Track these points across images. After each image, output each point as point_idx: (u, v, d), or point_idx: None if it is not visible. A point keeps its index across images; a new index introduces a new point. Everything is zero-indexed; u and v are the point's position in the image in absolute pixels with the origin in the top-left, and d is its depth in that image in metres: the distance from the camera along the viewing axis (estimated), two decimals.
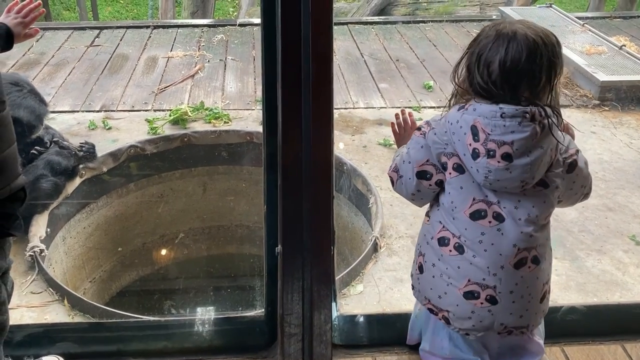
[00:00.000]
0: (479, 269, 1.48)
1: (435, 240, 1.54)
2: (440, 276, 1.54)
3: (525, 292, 1.51)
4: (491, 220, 1.45)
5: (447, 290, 1.53)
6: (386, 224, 2.77)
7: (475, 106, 1.41)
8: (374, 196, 2.86)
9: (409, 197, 1.60)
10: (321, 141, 1.66)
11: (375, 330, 2.01)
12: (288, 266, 1.71)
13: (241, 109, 4.06)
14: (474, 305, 1.50)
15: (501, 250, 1.46)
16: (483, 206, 1.45)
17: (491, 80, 1.38)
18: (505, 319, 1.52)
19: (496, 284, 1.48)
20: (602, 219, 2.92)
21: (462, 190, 1.46)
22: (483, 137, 1.38)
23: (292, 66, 1.57)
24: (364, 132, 3.73)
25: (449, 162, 1.47)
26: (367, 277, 2.45)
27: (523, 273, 1.49)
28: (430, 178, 1.51)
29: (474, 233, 1.47)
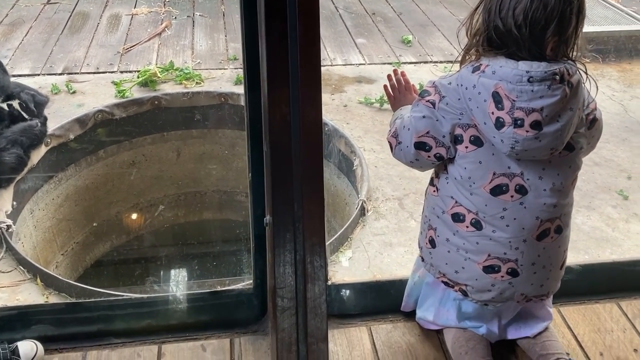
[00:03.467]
0: (499, 243, 1.40)
1: (448, 215, 1.44)
2: (456, 251, 1.45)
3: (547, 262, 1.44)
4: (513, 195, 1.35)
5: (465, 265, 1.45)
6: (372, 187, 2.68)
7: (493, 67, 1.26)
8: (358, 158, 2.76)
9: (408, 164, 1.50)
10: (311, 102, 1.53)
11: (369, 298, 1.95)
12: (279, 237, 1.60)
13: (213, 68, 3.86)
14: (494, 279, 1.44)
15: (524, 224, 1.38)
16: (504, 180, 1.34)
17: (516, 24, 1.22)
18: (526, 289, 1.46)
19: (518, 257, 1.41)
20: (589, 174, 2.89)
21: (480, 165, 1.35)
22: (508, 104, 1.25)
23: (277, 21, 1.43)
24: (343, 91, 3.60)
25: (465, 134, 1.34)
26: (356, 243, 2.37)
27: (545, 244, 1.42)
28: (429, 150, 1.40)
29: (495, 209, 1.37)
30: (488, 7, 1.27)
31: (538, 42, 1.23)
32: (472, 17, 1.31)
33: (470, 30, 1.32)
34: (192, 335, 1.83)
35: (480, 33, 1.29)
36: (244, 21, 1.55)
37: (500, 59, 1.27)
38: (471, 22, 1.31)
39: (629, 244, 2.44)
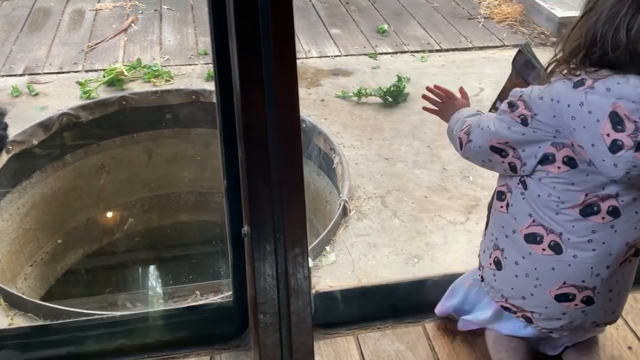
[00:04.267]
0: (579, 270, 1.29)
1: (521, 235, 1.32)
2: (525, 276, 1.34)
3: (623, 287, 1.35)
4: (605, 217, 1.24)
5: (535, 292, 1.34)
6: (353, 185, 2.59)
7: (608, 84, 1.13)
8: (338, 155, 2.66)
9: (479, 164, 1.39)
10: (288, 101, 1.42)
11: (355, 305, 1.86)
12: (259, 250, 1.50)
13: (183, 64, 3.72)
14: (566, 307, 1.33)
15: (611, 250, 1.27)
16: (596, 201, 1.23)
17: (612, 56, 1.10)
18: (598, 317, 1.36)
19: (596, 285, 1.30)
20: None
21: (572, 186, 1.24)
22: (631, 127, 1.12)
23: (248, 13, 1.31)
24: (320, 85, 3.49)
25: (558, 154, 1.22)
26: (339, 245, 2.27)
27: (625, 269, 1.32)
28: (505, 156, 1.29)
29: (583, 231, 1.26)
30: (594, 29, 1.13)
31: None
32: (571, 33, 1.18)
33: (568, 44, 1.18)
34: (170, 354, 1.72)
35: (584, 49, 1.15)
36: (211, 14, 1.42)
37: (611, 76, 1.14)
38: (569, 38, 1.18)
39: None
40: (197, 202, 3.56)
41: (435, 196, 2.60)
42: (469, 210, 2.51)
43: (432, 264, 2.21)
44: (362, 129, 3.06)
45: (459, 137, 1.40)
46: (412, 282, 1.88)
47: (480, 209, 2.53)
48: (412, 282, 1.88)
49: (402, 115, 3.21)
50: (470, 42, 4.05)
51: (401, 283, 1.87)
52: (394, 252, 2.27)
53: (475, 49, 3.97)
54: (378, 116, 3.18)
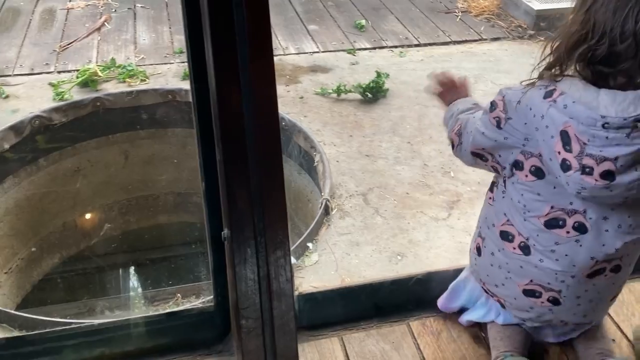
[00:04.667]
0: (544, 273, 1.29)
1: (497, 230, 1.33)
2: (498, 267, 1.36)
3: (595, 297, 1.32)
4: (570, 231, 1.22)
5: (505, 283, 1.37)
6: (334, 183, 2.56)
7: (566, 100, 1.10)
8: (319, 153, 2.63)
9: (469, 165, 1.40)
10: (266, 100, 1.38)
11: (339, 305, 1.83)
12: (239, 253, 1.46)
13: (158, 63, 3.65)
14: (533, 302, 1.35)
15: (575, 262, 1.25)
16: (562, 215, 1.21)
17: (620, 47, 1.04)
18: (567, 317, 1.37)
19: (562, 289, 1.29)
20: None
21: (538, 197, 1.23)
22: (577, 148, 1.10)
23: (222, 10, 1.27)
24: (298, 81, 3.45)
25: (526, 162, 1.21)
26: (321, 245, 2.25)
27: (597, 281, 1.29)
28: (486, 161, 1.31)
29: (547, 241, 1.25)
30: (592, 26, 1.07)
31: None
32: (569, 29, 1.12)
33: (566, 40, 1.12)
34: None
35: (588, 42, 1.08)
36: (185, 12, 1.38)
37: (578, 88, 1.10)
38: (566, 37, 1.12)
39: None
40: (175, 204, 3.50)
41: (417, 192, 2.58)
42: (450, 206, 2.51)
43: (415, 261, 2.19)
44: (342, 126, 3.03)
45: (452, 138, 1.40)
46: (395, 280, 1.85)
47: (461, 205, 2.52)
48: (396, 280, 1.86)
49: (382, 111, 3.19)
50: (449, 36, 4.05)
51: (385, 282, 1.85)
52: (377, 250, 2.25)
53: (453, 43, 3.97)
54: (358, 113, 3.16)
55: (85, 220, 3.41)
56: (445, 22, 4.24)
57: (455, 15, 4.36)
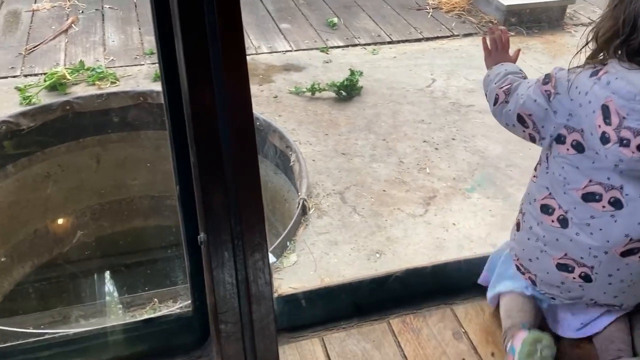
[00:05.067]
0: (579, 247, 1.34)
1: (538, 204, 1.39)
2: (535, 241, 1.42)
3: (627, 278, 1.35)
4: (605, 205, 1.28)
5: (540, 256, 1.42)
6: (311, 182, 2.54)
7: (609, 77, 1.17)
8: (295, 153, 2.61)
9: (503, 124, 1.44)
10: (239, 101, 1.36)
11: (318, 306, 1.82)
12: (217, 257, 1.44)
13: (129, 65, 3.59)
14: (565, 277, 1.39)
15: (609, 237, 1.30)
16: (599, 189, 1.27)
17: None
18: (597, 296, 1.40)
19: (594, 265, 1.34)
20: (526, 151, 2.86)
21: (578, 170, 1.29)
22: (616, 121, 1.17)
23: (192, 9, 1.25)
24: (272, 81, 3.43)
25: (568, 137, 1.28)
26: (300, 245, 2.23)
27: (630, 261, 1.32)
28: (527, 127, 1.37)
29: (583, 214, 1.31)
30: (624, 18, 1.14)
31: None
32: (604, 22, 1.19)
33: (602, 33, 1.19)
34: None
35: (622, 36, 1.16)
36: (155, 12, 1.35)
37: (622, 68, 1.17)
38: (601, 26, 1.20)
39: None
40: (150, 207, 3.44)
41: (394, 189, 2.58)
42: (427, 202, 2.51)
43: (394, 258, 2.19)
44: (317, 125, 3.02)
45: (497, 93, 1.42)
46: (374, 278, 1.85)
47: (438, 201, 2.53)
48: (375, 278, 1.85)
49: (357, 109, 3.18)
50: (420, 33, 4.06)
51: (364, 280, 1.84)
52: (356, 248, 2.24)
53: (425, 40, 3.99)
54: (333, 111, 3.15)
55: (57, 226, 3.33)
56: (417, 19, 4.25)
57: (426, 11, 4.38)
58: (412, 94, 3.34)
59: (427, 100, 3.27)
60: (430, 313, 1.78)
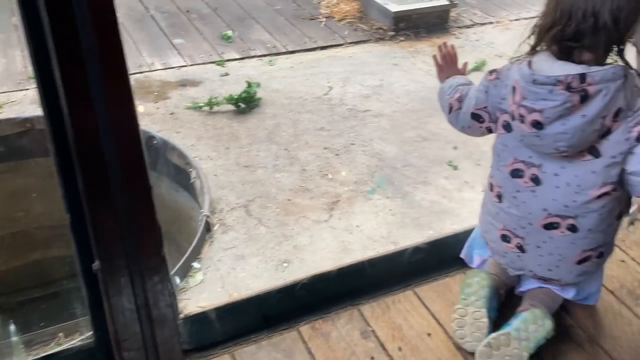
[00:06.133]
0: (511, 219, 1.52)
1: (488, 182, 1.59)
2: (487, 214, 1.61)
3: (555, 251, 1.50)
4: (527, 182, 1.45)
5: (490, 229, 1.61)
6: (214, 198, 2.52)
7: (523, 65, 1.34)
8: (195, 169, 2.58)
9: (459, 129, 1.59)
10: (124, 121, 1.33)
11: (227, 322, 1.80)
12: (114, 284, 1.40)
13: (12, 90, 3.40)
14: (506, 247, 1.57)
15: (530, 210, 1.47)
16: (522, 166, 1.44)
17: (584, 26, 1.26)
18: (534, 268, 1.56)
19: (524, 236, 1.51)
20: (420, 150, 3.00)
21: (506, 148, 1.47)
22: (518, 100, 1.34)
23: (66, 33, 1.21)
24: (167, 97, 3.36)
25: (500, 118, 1.45)
26: (206, 262, 2.20)
27: (553, 235, 1.47)
28: (482, 122, 1.51)
29: (511, 188, 1.49)
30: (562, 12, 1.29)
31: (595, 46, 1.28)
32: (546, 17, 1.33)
33: (540, 27, 1.34)
34: None
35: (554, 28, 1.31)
36: (28, 34, 1.29)
37: (542, 58, 1.32)
38: (543, 21, 1.33)
39: (465, 212, 2.57)
40: (48, 238, 3.27)
41: (298, 198, 2.62)
42: (331, 207, 2.56)
43: (301, 266, 2.22)
44: (217, 139, 3.00)
45: (450, 103, 1.58)
46: (282, 288, 1.86)
47: (341, 205, 2.59)
48: (282, 288, 1.86)
49: (257, 120, 3.20)
50: (315, 42, 4.15)
51: (271, 291, 1.85)
52: (263, 260, 2.25)
53: (320, 49, 4.07)
54: (232, 124, 3.14)
55: None
56: (311, 29, 4.34)
57: (319, 21, 4.47)
58: (310, 102, 3.39)
59: (325, 108, 3.34)
60: (338, 316, 1.81)
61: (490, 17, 4.67)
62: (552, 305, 1.64)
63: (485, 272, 1.65)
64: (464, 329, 1.60)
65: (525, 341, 1.52)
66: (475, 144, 3.05)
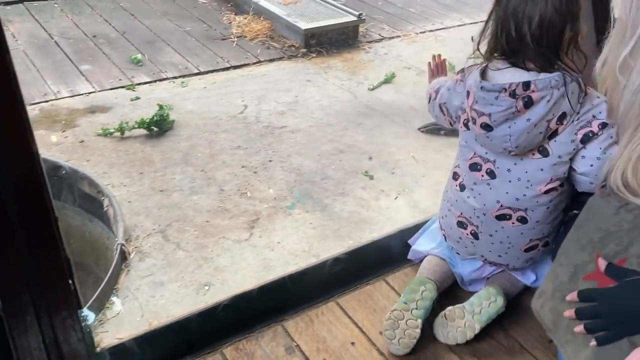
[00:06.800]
0: (468, 208, 1.66)
1: (451, 172, 1.72)
2: (447, 202, 1.75)
3: (505, 240, 1.64)
4: (484, 175, 1.59)
5: (447, 214, 1.74)
6: (129, 225, 2.45)
7: (477, 72, 1.47)
8: (107, 197, 2.50)
9: (434, 117, 1.75)
10: (20, 152, 1.28)
11: (148, 351, 1.76)
12: (18, 324, 1.33)
13: None
14: (461, 233, 1.71)
15: (485, 201, 1.61)
16: (479, 161, 1.59)
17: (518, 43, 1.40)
18: (485, 253, 1.70)
19: (478, 225, 1.65)
20: (337, 163, 3.06)
21: (466, 144, 1.61)
22: (471, 103, 1.49)
23: None
24: (76, 125, 3.25)
25: (462, 117, 1.59)
26: (123, 292, 2.13)
27: (505, 225, 1.62)
28: (445, 115, 1.69)
29: (470, 180, 1.63)
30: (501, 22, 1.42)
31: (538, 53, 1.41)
32: (485, 30, 1.46)
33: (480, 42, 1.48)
34: None
35: (495, 45, 1.45)
36: None
37: (495, 65, 1.45)
38: (484, 34, 1.47)
39: (383, 219, 2.64)
40: None
41: (217, 219, 2.59)
42: (251, 226, 2.56)
43: (223, 287, 2.19)
44: (130, 165, 2.92)
45: (430, 93, 1.77)
46: (202, 312, 1.84)
47: (261, 222, 2.59)
48: (203, 311, 1.84)
49: (171, 143, 3.15)
50: (228, 61, 4.14)
51: (192, 316, 1.82)
52: (183, 285, 2.21)
53: (233, 68, 4.07)
54: (146, 148, 3.07)
55: None
56: (223, 48, 4.33)
57: (231, 41, 4.47)
58: (225, 122, 3.38)
59: (241, 127, 3.34)
60: (262, 334, 1.81)
61: (398, 31, 4.85)
62: (510, 289, 1.78)
63: (433, 283, 1.73)
64: (395, 331, 1.66)
65: (478, 314, 1.66)
66: (389, 153, 3.15)
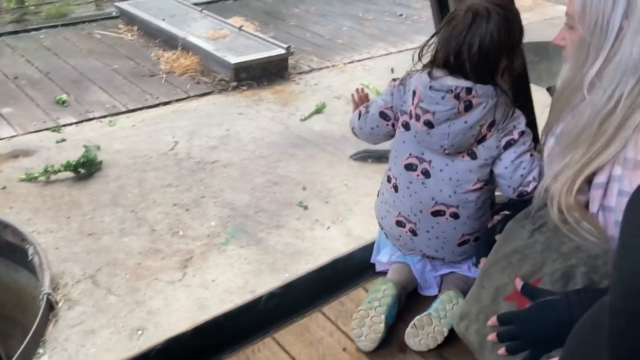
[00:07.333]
0: (405, 207, 1.74)
1: (386, 175, 1.78)
2: (384, 203, 1.81)
3: (441, 235, 1.74)
4: (419, 175, 1.68)
5: (386, 215, 1.81)
6: (57, 273, 2.37)
7: (423, 74, 1.57)
8: (32, 245, 2.41)
9: (367, 132, 1.79)
10: None
11: None
12: None
13: None
14: (401, 231, 1.78)
15: (421, 199, 1.70)
16: (415, 161, 1.68)
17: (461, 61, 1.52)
18: (424, 249, 1.79)
19: (416, 222, 1.74)
20: (271, 195, 3.07)
21: (404, 144, 1.69)
22: (416, 102, 1.58)
23: None
24: None
25: (401, 118, 1.68)
26: (51, 344, 2.06)
27: (439, 220, 1.71)
28: (389, 120, 1.74)
29: (405, 180, 1.71)
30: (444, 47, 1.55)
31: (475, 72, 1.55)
32: (423, 50, 1.58)
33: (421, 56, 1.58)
34: None
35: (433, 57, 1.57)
36: None
37: (438, 69, 1.54)
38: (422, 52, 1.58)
39: (318, 249, 2.67)
40: None
41: (149, 260, 2.55)
42: (184, 265, 2.53)
43: (157, 331, 2.15)
44: (56, 210, 2.84)
45: (360, 110, 1.83)
46: (134, 358, 1.78)
47: (195, 261, 2.56)
48: (135, 358, 1.79)
49: (100, 184, 3.08)
50: (157, 98, 4.11)
51: None
52: (116, 331, 2.15)
53: (163, 105, 4.04)
54: (73, 192, 2.99)
55: None
56: (152, 85, 4.30)
57: (160, 77, 4.45)
58: (155, 159, 3.35)
59: (172, 164, 3.31)
60: None
61: (326, 61, 4.96)
62: (464, 287, 1.87)
63: (393, 282, 1.85)
64: (362, 329, 1.76)
65: (445, 318, 1.76)
66: (322, 182, 3.20)
